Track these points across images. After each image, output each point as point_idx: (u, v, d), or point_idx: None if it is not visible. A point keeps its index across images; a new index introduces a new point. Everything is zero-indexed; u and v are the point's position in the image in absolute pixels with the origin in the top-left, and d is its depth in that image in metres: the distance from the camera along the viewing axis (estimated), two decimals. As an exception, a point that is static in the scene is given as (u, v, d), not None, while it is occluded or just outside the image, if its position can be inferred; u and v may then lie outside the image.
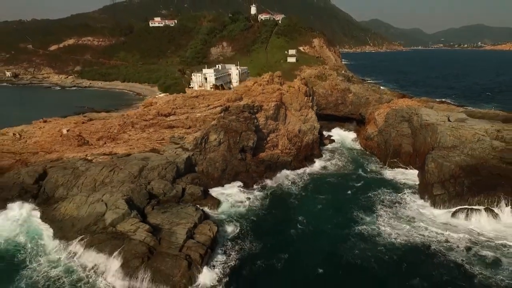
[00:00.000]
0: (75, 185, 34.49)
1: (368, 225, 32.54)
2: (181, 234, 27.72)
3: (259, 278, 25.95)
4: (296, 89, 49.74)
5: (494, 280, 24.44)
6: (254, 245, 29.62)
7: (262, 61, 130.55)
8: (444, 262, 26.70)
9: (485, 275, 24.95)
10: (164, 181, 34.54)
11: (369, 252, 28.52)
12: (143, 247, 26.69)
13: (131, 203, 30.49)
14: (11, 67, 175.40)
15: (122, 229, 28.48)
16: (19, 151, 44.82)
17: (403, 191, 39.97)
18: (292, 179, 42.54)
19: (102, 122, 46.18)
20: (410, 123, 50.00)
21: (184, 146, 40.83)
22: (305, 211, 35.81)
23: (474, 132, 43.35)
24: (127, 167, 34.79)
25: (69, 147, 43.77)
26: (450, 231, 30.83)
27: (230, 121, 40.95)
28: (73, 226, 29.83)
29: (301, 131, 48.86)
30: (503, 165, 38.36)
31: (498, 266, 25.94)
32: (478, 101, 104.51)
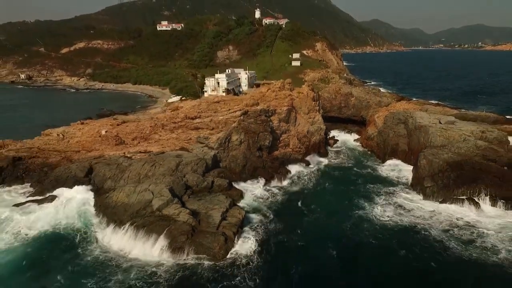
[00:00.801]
0: (121, 178, 40.88)
1: (367, 211, 38.94)
2: (217, 216, 34.11)
3: (280, 249, 32.24)
4: (305, 94, 56.10)
5: (466, 253, 30.73)
6: (275, 225, 35.97)
7: (268, 64, 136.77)
8: (426, 239, 33.06)
9: (459, 249, 31.25)
10: (196, 174, 40.92)
11: (366, 231, 34.90)
12: (187, 226, 33.08)
13: (172, 192, 36.88)
14: (24, 69, 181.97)
15: (167, 212, 34.86)
16: (63, 150, 51.27)
17: (398, 184, 46.34)
18: (303, 174, 48.88)
19: (136, 124, 52.59)
20: (406, 125, 56.33)
21: (209, 145, 47.21)
22: (315, 200, 42.18)
23: (461, 133, 49.71)
24: (165, 162, 41.19)
25: (108, 146, 50.19)
26: (435, 216, 37.18)
27: (249, 123, 47.38)
28: (125, 211, 36.19)
29: (309, 132, 55.21)
30: (484, 161, 44.71)
31: (471, 243, 32.19)
32: (473, 103, 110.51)
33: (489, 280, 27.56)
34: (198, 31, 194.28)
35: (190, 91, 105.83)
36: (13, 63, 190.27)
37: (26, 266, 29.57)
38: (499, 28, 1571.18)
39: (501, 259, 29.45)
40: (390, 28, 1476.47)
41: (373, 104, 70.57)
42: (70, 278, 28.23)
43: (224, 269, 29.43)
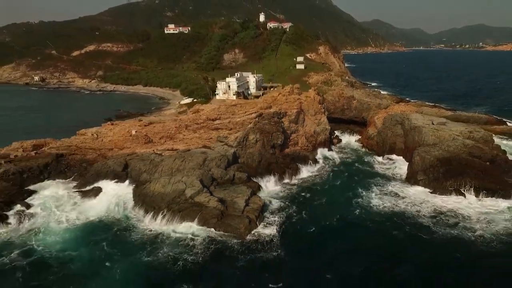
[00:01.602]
0: (155, 172, 47.36)
1: (366, 199, 45.39)
2: (241, 202, 40.59)
3: (294, 229, 38.59)
4: (312, 98, 62.53)
5: (448, 232, 37.09)
6: (288, 211, 42.36)
7: (273, 68, 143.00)
8: (416, 221, 39.43)
9: (443, 229, 37.59)
10: (220, 168, 47.37)
11: (365, 215, 41.36)
12: (217, 211, 39.57)
13: (202, 183, 43.36)
14: (38, 71, 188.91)
15: (199, 200, 41.36)
16: (98, 148, 57.78)
17: (394, 177, 52.72)
18: (310, 169, 55.28)
19: (162, 124, 59.08)
20: (403, 125, 62.68)
21: (228, 143, 53.68)
22: (321, 190, 48.63)
23: (451, 133, 56.09)
24: (193, 158, 47.65)
25: (138, 145, 56.71)
26: (425, 203, 43.55)
27: (263, 124, 53.84)
28: (162, 199, 42.67)
29: (315, 132, 61.64)
30: (470, 158, 51.06)
31: (454, 226, 38.45)
32: (468, 104, 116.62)
33: (465, 251, 33.89)
34: (204, 34, 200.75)
35: (201, 93, 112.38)
36: (26, 65, 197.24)
37: (83, 244, 35.92)
38: (501, 28, 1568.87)
39: (476, 236, 35.88)
40: (391, 28, 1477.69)
41: (373, 106, 76.88)
42: (125, 253, 34.57)
43: (248, 244, 35.82)
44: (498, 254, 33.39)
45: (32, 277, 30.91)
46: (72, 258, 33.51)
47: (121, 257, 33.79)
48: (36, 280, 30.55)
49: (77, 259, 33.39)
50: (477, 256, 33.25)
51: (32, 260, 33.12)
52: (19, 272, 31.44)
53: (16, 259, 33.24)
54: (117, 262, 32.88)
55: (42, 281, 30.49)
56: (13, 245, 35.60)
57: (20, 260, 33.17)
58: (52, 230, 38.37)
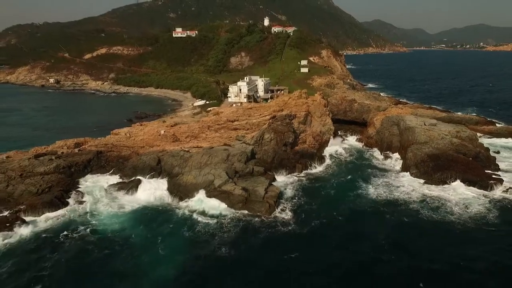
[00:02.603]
0: (186, 166, 55.46)
1: (365, 189, 53.35)
2: (261, 190, 48.68)
3: (305, 213, 46.51)
4: (318, 102, 70.59)
5: (432, 214, 45.11)
6: (299, 199, 50.41)
7: (278, 71, 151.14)
8: (406, 206, 47.37)
9: (428, 212, 45.55)
10: (241, 163, 55.45)
11: (363, 202, 49.33)
12: (241, 197, 47.69)
13: (227, 175, 51.48)
14: (52, 74, 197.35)
15: (226, 188, 49.49)
16: (131, 145, 65.94)
17: (390, 171, 60.72)
18: (317, 164, 63.32)
19: (187, 125, 67.19)
20: (398, 126, 70.67)
21: (246, 142, 61.78)
22: (327, 182, 56.66)
23: (440, 132, 64.11)
24: (218, 154, 55.76)
25: (166, 143, 64.84)
26: (415, 192, 51.57)
27: (277, 125, 61.92)
28: (195, 188, 50.80)
29: (321, 132, 69.72)
30: (456, 154, 59.08)
31: (437, 209, 46.41)
32: (462, 105, 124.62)
33: (444, 229, 41.96)
34: (211, 37, 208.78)
35: (212, 96, 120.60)
36: (40, 68, 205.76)
37: (135, 225, 44.05)
38: (502, 28, 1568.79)
39: (455, 217, 43.97)
40: (392, 28, 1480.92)
41: (373, 109, 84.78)
42: (171, 230, 42.64)
43: (268, 223, 43.83)
44: (470, 230, 41.48)
45: (99, 248, 38.88)
46: (129, 235, 41.49)
47: (168, 233, 41.89)
48: (101, 251, 38.45)
49: (133, 236, 41.36)
50: (454, 232, 41.30)
51: (97, 236, 41.17)
52: (87, 245, 39.43)
53: (82, 235, 41.31)
54: (166, 237, 40.97)
55: (107, 252, 38.40)
56: (76, 224, 43.67)
57: (87, 235, 41.28)
58: (104, 214, 46.33)
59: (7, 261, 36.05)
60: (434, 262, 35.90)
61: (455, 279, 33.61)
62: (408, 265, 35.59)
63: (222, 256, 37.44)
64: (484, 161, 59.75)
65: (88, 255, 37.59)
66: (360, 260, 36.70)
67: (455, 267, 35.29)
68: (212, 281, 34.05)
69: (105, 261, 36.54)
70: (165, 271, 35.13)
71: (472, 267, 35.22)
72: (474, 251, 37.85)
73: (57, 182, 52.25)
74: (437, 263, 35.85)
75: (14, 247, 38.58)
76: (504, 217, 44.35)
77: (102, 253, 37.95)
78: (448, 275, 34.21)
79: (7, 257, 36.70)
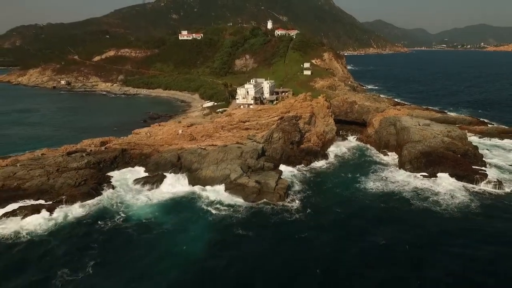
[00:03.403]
0: (204, 162, 62.01)
1: (364, 182, 59.77)
2: (273, 183, 55.17)
3: (310, 202, 52.95)
4: (321, 104, 77.06)
5: (422, 203, 51.56)
6: (305, 190, 56.87)
7: (282, 73, 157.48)
8: (400, 196, 53.86)
9: (419, 201, 52.01)
10: (253, 159, 61.99)
11: (362, 193, 55.81)
12: (255, 189, 54.21)
13: (242, 169, 58.01)
14: (63, 76, 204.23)
15: (241, 181, 56.00)
16: (151, 144, 72.51)
17: (387, 167, 67.16)
18: (321, 161, 69.81)
19: (202, 126, 73.75)
20: (395, 126, 77.08)
21: (256, 140, 68.30)
22: (329, 176, 63.11)
23: (432, 132, 70.54)
24: (232, 151, 62.30)
25: (184, 142, 71.40)
26: (408, 185, 58.02)
27: (284, 125, 68.42)
28: (213, 181, 57.39)
29: (324, 131, 76.19)
30: (446, 151, 65.49)
31: (426, 199, 52.84)
32: (456, 106, 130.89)
33: (431, 215, 48.42)
34: (216, 40, 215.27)
35: (220, 98, 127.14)
36: (51, 70, 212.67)
37: (164, 212, 50.63)
38: (503, 28, 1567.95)
39: (442, 205, 50.50)
40: (393, 28, 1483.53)
41: (372, 110, 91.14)
42: (195, 215, 49.19)
43: (279, 211, 50.26)
44: (454, 216, 48.00)
45: (136, 232, 45.37)
46: (160, 221, 47.95)
47: (194, 219, 48.40)
48: (139, 234, 44.94)
49: (163, 222, 47.82)
50: (440, 217, 47.82)
51: (132, 222, 47.67)
52: (125, 229, 45.96)
53: (119, 221, 47.79)
54: (192, 222, 47.48)
55: (144, 235, 44.87)
56: (112, 212, 50.17)
57: (123, 221, 47.80)
58: (135, 204, 52.72)
59: (57, 243, 42.55)
60: (421, 239, 42.42)
61: (440, 252, 40.08)
62: (399, 242, 42.08)
63: (240, 235, 44.04)
64: (472, 157, 66.13)
65: (126, 237, 44.12)
66: (356, 239, 43.25)
67: (439, 243, 41.80)
68: (233, 254, 40.50)
69: (142, 242, 43.08)
70: (194, 249, 41.66)
71: (453, 243, 41.83)
72: (457, 232, 44.33)
73: (90, 176, 58.87)
74: (424, 239, 42.39)
75: (62, 231, 45.14)
76: (483, 205, 50.92)
77: (139, 236, 44.46)
78: (434, 249, 40.69)
79: (57, 240, 43.22)
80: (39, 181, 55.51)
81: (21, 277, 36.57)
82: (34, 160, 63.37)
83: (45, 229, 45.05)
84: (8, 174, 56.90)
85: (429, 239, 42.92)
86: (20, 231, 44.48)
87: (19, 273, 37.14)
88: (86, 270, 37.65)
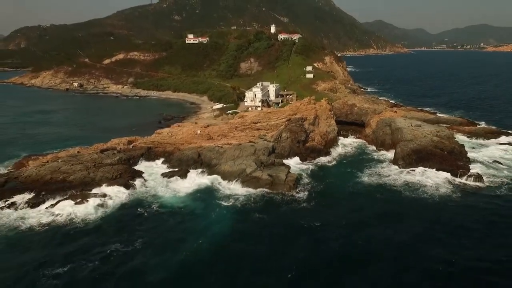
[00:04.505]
0: (222, 158, 70.82)
1: (362, 177, 68.55)
2: (283, 176, 63.96)
3: (316, 192, 61.74)
4: (324, 107, 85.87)
5: (412, 193, 60.32)
6: (311, 183, 65.68)
7: (286, 76, 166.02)
8: (392, 188, 62.61)
9: (409, 192, 60.79)
10: (265, 156, 70.77)
11: (359, 185, 64.61)
12: (268, 181, 63.02)
13: (256, 164, 66.83)
14: (75, 78, 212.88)
15: (255, 175, 64.81)
16: (173, 143, 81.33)
17: (383, 163, 75.92)
18: (324, 157, 78.60)
19: (218, 126, 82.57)
20: (390, 127, 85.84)
21: (267, 139, 77.10)
22: (331, 170, 71.96)
23: (423, 132, 79.34)
24: (247, 149, 71.09)
25: (202, 140, 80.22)
26: (400, 178, 66.78)
27: (292, 126, 77.25)
28: (231, 175, 66.21)
29: (327, 132, 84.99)
30: (434, 149, 74.28)
31: (416, 190, 61.62)
32: (449, 108, 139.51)
33: (418, 203, 57.22)
34: (221, 44, 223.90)
35: (229, 100, 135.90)
36: (63, 72, 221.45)
37: (191, 201, 59.40)
38: (504, 28, 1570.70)
39: (428, 195, 59.35)
40: (393, 28, 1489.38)
41: (370, 112, 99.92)
42: (217, 203, 57.99)
43: (288, 200, 59.04)
44: (437, 203, 56.89)
45: (171, 217, 54.14)
46: (189, 208, 56.81)
47: (217, 206, 57.13)
48: (174, 219, 53.71)
49: (191, 209, 56.69)
50: (426, 204, 56.66)
51: (166, 209, 56.47)
52: (161, 214, 54.74)
53: (154, 208, 56.55)
54: (216, 209, 56.22)
55: (178, 219, 53.62)
56: (147, 201, 58.94)
57: (158, 208, 56.58)
58: (165, 194, 61.55)
59: (107, 225, 51.34)
60: (410, 224, 51.23)
61: (425, 233, 48.86)
62: (389, 226, 50.89)
63: (257, 217, 52.95)
64: (457, 154, 74.91)
65: (164, 220, 52.98)
66: (354, 222, 52.06)
67: (425, 226, 50.57)
68: (250, 233, 49.23)
69: (177, 223, 51.94)
70: (219, 229, 50.45)
71: (437, 228, 50.57)
72: (440, 217, 53.14)
73: (124, 170, 67.72)
74: (412, 223, 51.19)
75: (109, 216, 53.94)
76: (464, 195, 59.81)
77: (173, 220, 53.30)
78: (421, 232, 49.45)
79: (107, 223, 51.99)
80: (81, 175, 64.39)
81: (81, 250, 45.31)
82: (72, 157, 72.26)
83: (94, 215, 53.70)
84: (54, 168, 65.79)
85: (419, 222, 51.73)
86: (74, 217, 53.07)
87: (80, 248, 45.88)
88: (135, 245, 46.38)
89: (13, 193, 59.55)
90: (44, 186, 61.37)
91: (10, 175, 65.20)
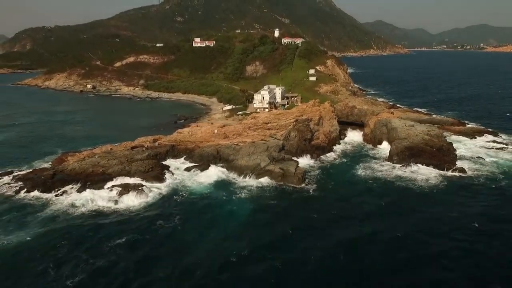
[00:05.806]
0: (238, 154, 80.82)
1: (361, 171, 78.38)
2: (292, 169, 73.94)
3: (321, 183, 71.69)
4: (327, 108, 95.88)
5: (403, 185, 70.24)
6: (317, 176, 75.66)
7: (290, 79, 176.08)
8: (385, 181, 72.35)
9: (401, 185, 70.67)
10: (276, 152, 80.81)
11: (357, 178, 74.55)
12: (279, 173, 73.01)
13: (269, 159, 76.87)
14: (88, 80, 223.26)
15: (269, 168, 74.81)
16: (193, 141, 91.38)
17: (379, 159, 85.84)
18: (327, 154, 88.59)
19: (232, 127, 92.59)
20: (386, 127, 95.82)
21: (277, 138, 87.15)
22: (333, 166, 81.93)
23: (415, 131, 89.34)
24: (260, 146, 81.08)
25: (219, 139, 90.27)
26: (394, 173, 76.67)
27: (299, 126, 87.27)
28: (247, 168, 76.25)
29: (330, 131, 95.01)
30: (425, 146, 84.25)
31: (407, 182, 71.50)
32: (443, 109, 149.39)
33: (409, 194, 67.11)
34: (227, 47, 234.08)
35: (238, 102, 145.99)
36: (77, 74, 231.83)
37: (213, 192, 69.43)
38: (505, 28, 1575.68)
39: (416, 186, 69.29)
40: (394, 29, 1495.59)
41: (369, 113, 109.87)
42: (234, 192, 67.94)
43: (298, 190, 68.99)
44: (427, 194, 66.78)
45: (200, 202, 64.13)
46: (213, 196, 66.87)
47: (235, 195, 67.10)
48: (203, 203, 63.71)
49: (215, 196, 66.70)
50: (416, 195, 66.66)
51: (194, 197, 66.52)
52: (192, 201, 64.75)
53: (185, 196, 66.57)
54: (235, 197, 66.22)
55: (205, 203, 63.66)
56: (178, 190, 68.92)
57: (188, 196, 66.60)
58: (192, 185, 71.58)
59: (149, 211, 61.30)
60: (401, 211, 61.23)
61: (415, 219, 58.73)
62: (382, 213, 60.86)
63: (272, 204, 62.93)
64: (445, 151, 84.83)
65: (194, 206, 63.02)
66: (356, 208, 62.07)
67: (415, 214, 60.47)
68: (266, 219, 59.12)
69: (206, 206, 62.04)
70: (242, 211, 60.49)
71: (426, 216, 60.48)
72: (428, 206, 63.04)
73: (154, 165, 77.78)
74: (403, 210, 61.19)
75: (150, 203, 63.85)
76: (449, 186, 69.71)
77: (203, 204, 63.39)
78: (412, 218, 59.34)
79: (149, 210, 61.94)
80: (118, 168, 74.47)
81: (134, 226, 55.32)
82: (106, 153, 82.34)
83: (136, 203, 63.34)
84: (94, 163, 75.91)
85: (409, 211, 61.44)
86: (118, 206, 62.75)
87: (134, 224, 55.87)
88: (177, 226, 56.28)
89: (62, 184, 69.64)
90: (88, 177, 71.47)
91: (56, 169, 75.28)
